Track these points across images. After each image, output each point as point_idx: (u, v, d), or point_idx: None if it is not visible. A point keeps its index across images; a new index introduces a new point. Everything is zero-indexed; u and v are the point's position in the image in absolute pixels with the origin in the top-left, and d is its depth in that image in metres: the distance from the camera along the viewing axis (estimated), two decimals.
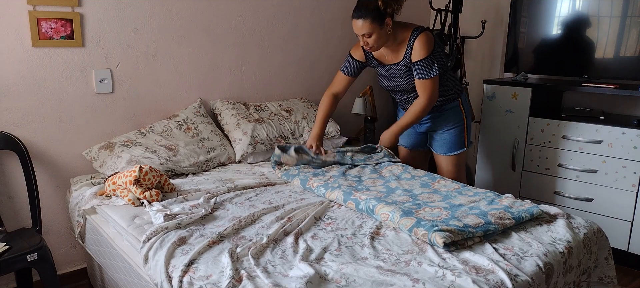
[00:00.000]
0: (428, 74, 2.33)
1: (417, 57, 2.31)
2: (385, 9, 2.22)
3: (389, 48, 2.39)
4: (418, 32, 2.31)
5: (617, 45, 2.89)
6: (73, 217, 2.25)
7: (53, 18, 2.25)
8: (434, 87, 2.37)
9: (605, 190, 2.80)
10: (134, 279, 1.76)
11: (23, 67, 2.23)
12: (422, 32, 2.32)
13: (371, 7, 2.21)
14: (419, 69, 2.33)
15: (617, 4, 2.85)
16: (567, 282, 1.65)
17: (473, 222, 1.65)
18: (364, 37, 2.27)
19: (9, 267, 1.84)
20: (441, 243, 1.54)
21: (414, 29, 2.34)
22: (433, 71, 2.32)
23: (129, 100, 2.55)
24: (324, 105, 2.58)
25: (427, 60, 2.30)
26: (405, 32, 2.34)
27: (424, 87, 2.37)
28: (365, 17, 2.22)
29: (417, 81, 2.38)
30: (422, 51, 2.30)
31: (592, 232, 1.80)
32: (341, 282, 1.38)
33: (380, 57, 2.47)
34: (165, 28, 2.60)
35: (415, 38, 2.30)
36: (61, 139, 2.39)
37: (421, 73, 2.34)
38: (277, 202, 2.01)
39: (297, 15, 3.11)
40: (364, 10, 2.22)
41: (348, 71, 2.55)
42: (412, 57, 2.33)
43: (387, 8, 2.23)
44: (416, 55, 2.31)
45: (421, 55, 2.30)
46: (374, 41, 2.27)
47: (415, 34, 2.31)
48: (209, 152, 2.53)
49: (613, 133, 2.73)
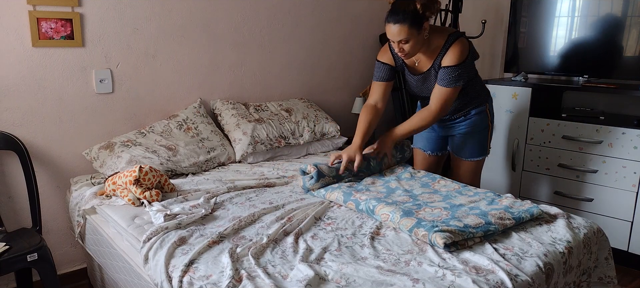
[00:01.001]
0: (451, 83, 2.15)
1: (447, 62, 2.14)
2: (423, 13, 2.06)
3: (423, 54, 2.22)
4: (454, 38, 2.15)
5: (617, 45, 2.89)
6: (73, 217, 2.25)
7: (53, 18, 2.25)
8: (451, 98, 2.19)
9: (605, 190, 2.80)
10: (134, 279, 1.76)
11: (23, 67, 2.23)
12: (459, 39, 2.15)
13: (409, 10, 2.04)
14: (444, 75, 2.16)
15: (617, 4, 2.85)
16: (567, 282, 1.65)
17: (473, 222, 1.65)
18: (400, 43, 2.10)
19: (9, 267, 1.84)
20: (442, 244, 1.54)
21: (450, 34, 2.17)
22: (457, 82, 2.15)
23: (129, 100, 2.55)
24: (362, 116, 2.34)
25: (456, 69, 2.13)
26: (440, 38, 2.17)
27: (441, 95, 2.18)
28: (402, 22, 2.04)
29: (437, 87, 2.19)
30: (455, 57, 2.13)
31: (592, 232, 1.80)
32: (341, 282, 1.38)
33: (410, 63, 2.30)
34: (165, 28, 2.60)
35: (450, 44, 2.14)
36: (61, 139, 2.39)
37: (444, 80, 2.16)
38: (277, 202, 2.01)
39: (297, 15, 3.11)
40: (401, 14, 2.04)
41: (381, 77, 2.35)
42: (443, 61, 2.16)
43: (425, 11, 2.06)
44: (447, 60, 2.14)
45: (452, 62, 2.13)
46: (411, 47, 2.10)
47: (450, 40, 2.15)
48: (209, 152, 2.53)
49: (613, 133, 2.73)
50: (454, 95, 2.20)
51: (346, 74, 3.46)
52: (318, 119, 2.96)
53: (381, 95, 2.36)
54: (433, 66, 2.21)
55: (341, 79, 3.44)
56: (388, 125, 3.74)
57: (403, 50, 2.12)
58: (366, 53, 3.54)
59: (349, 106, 3.45)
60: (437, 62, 2.18)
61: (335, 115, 3.34)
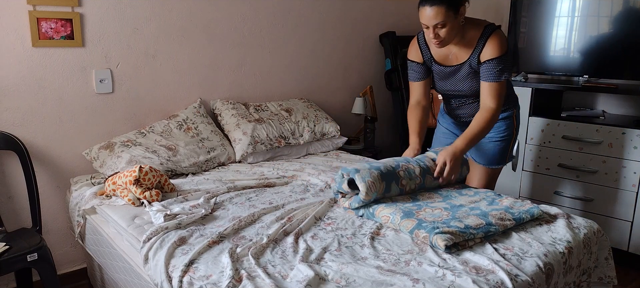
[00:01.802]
0: (499, 77, 2.00)
1: (489, 55, 1.99)
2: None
3: (456, 45, 2.07)
4: (491, 30, 2.02)
5: (617, 45, 2.89)
6: (73, 217, 2.25)
7: (53, 18, 2.25)
8: (503, 92, 2.05)
9: (605, 190, 2.80)
10: (134, 279, 1.76)
11: (23, 67, 2.23)
12: (496, 30, 2.02)
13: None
14: (490, 69, 2.00)
15: (617, 4, 2.85)
16: (567, 282, 1.65)
17: (474, 223, 1.65)
18: (436, 28, 1.94)
19: (9, 267, 1.84)
20: (443, 246, 1.53)
21: (486, 25, 2.03)
22: (503, 75, 2.01)
23: (129, 100, 2.55)
24: (411, 116, 2.21)
25: (501, 60, 1.99)
26: (475, 29, 2.03)
27: (493, 91, 2.02)
28: (439, 3, 1.89)
29: (485, 84, 2.03)
30: (496, 49, 1.98)
31: (592, 232, 1.80)
32: (341, 282, 1.38)
33: (441, 56, 2.14)
34: (165, 28, 2.60)
35: (488, 35, 2.00)
36: (61, 139, 2.39)
37: (491, 74, 2.00)
38: (277, 202, 2.01)
39: (297, 16, 3.10)
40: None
41: (416, 76, 2.23)
42: (482, 55, 2.01)
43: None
44: (488, 54, 1.99)
45: (494, 54, 1.98)
46: (446, 33, 1.94)
47: (488, 31, 2.01)
48: (209, 152, 2.53)
49: (613, 133, 2.73)
50: (505, 88, 2.06)
51: (346, 74, 3.46)
52: (318, 119, 2.96)
53: (422, 94, 2.23)
54: (469, 61, 2.06)
55: (341, 79, 3.44)
56: (388, 125, 3.74)
57: (438, 36, 1.96)
58: (366, 53, 3.54)
59: (349, 106, 3.45)
60: (474, 56, 2.04)
61: (335, 115, 3.34)
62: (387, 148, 3.73)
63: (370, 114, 3.49)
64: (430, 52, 2.16)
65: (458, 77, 2.15)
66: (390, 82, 3.53)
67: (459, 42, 2.06)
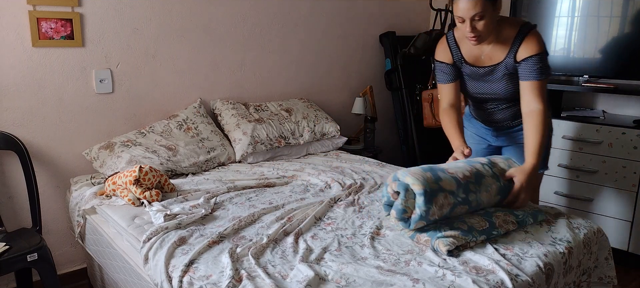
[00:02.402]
0: (540, 74, 1.86)
1: (529, 52, 1.87)
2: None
3: (490, 44, 1.95)
4: (529, 28, 1.90)
5: (617, 45, 2.89)
6: (73, 217, 2.25)
7: (53, 18, 2.25)
8: (546, 90, 1.91)
9: (605, 190, 2.80)
10: (134, 279, 1.76)
11: (23, 67, 2.23)
12: (532, 30, 1.90)
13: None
14: (529, 67, 1.87)
15: (617, 4, 2.85)
16: (567, 282, 1.65)
17: (478, 226, 1.63)
18: (474, 21, 1.81)
19: (9, 267, 1.84)
20: (444, 251, 1.52)
21: (523, 24, 1.92)
22: (545, 73, 1.88)
23: (129, 100, 2.55)
24: (446, 119, 2.07)
25: (540, 57, 1.86)
26: (511, 28, 1.91)
27: (535, 90, 1.87)
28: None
29: (526, 84, 1.89)
30: (534, 47, 1.87)
31: (592, 232, 1.80)
32: (341, 282, 1.38)
33: (474, 57, 2.01)
34: (165, 28, 2.60)
35: (525, 34, 1.88)
36: (61, 139, 2.39)
37: (531, 72, 1.87)
38: (277, 202, 2.01)
39: (297, 15, 3.10)
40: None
41: (446, 78, 2.08)
42: (519, 54, 1.89)
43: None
44: (528, 51, 1.87)
45: (534, 50, 1.86)
46: (484, 27, 1.82)
47: (525, 30, 1.89)
48: (209, 152, 2.53)
49: (613, 133, 2.73)
50: (546, 88, 1.91)
51: (346, 74, 3.46)
52: (318, 119, 2.96)
53: (453, 96, 2.09)
54: (505, 61, 1.94)
55: (341, 79, 3.44)
56: (388, 126, 3.74)
57: (475, 29, 1.82)
58: (366, 53, 3.54)
59: (349, 106, 3.45)
60: (510, 56, 1.92)
61: (335, 115, 3.34)
62: (387, 148, 3.74)
63: (370, 114, 3.49)
64: (461, 52, 2.03)
65: (492, 79, 2.02)
66: (390, 82, 3.54)
67: (494, 40, 1.94)
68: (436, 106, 3.18)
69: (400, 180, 1.60)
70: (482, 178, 1.70)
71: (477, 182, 1.67)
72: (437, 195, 1.56)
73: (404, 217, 1.60)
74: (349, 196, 2.10)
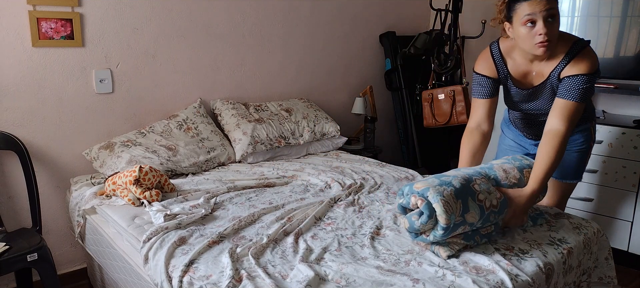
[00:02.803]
0: (581, 97, 1.71)
1: (575, 71, 1.71)
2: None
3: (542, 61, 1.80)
4: (582, 45, 1.75)
5: (617, 45, 2.89)
6: (73, 217, 2.25)
7: (53, 18, 2.25)
8: (578, 116, 1.75)
9: (605, 190, 2.80)
10: (134, 279, 1.76)
11: (23, 67, 2.23)
12: (588, 46, 1.75)
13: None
14: (570, 86, 1.71)
15: (617, 4, 2.85)
16: (567, 282, 1.65)
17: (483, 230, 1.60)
18: (547, 21, 1.65)
19: (9, 267, 1.84)
20: (444, 257, 1.50)
21: (575, 41, 1.76)
22: (585, 97, 1.73)
23: (129, 100, 2.55)
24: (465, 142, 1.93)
25: (588, 78, 1.71)
26: (563, 43, 1.76)
27: (568, 110, 1.72)
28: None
29: (561, 102, 1.73)
30: (585, 66, 1.71)
31: (592, 232, 1.80)
32: (341, 282, 1.38)
33: (521, 73, 1.86)
34: (165, 28, 2.60)
35: (577, 51, 1.74)
36: (61, 139, 2.39)
37: (571, 92, 1.71)
38: (277, 202, 2.01)
39: (297, 15, 3.11)
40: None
41: (483, 92, 1.91)
42: (565, 70, 1.74)
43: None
44: (575, 69, 1.72)
45: (581, 70, 1.71)
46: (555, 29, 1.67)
47: (577, 47, 1.74)
48: (209, 152, 2.53)
49: (613, 133, 2.73)
50: (580, 113, 1.76)
51: (346, 74, 3.46)
52: (318, 119, 2.96)
53: (485, 115, 1.91)
54: (549, 78, 1.80)
55: (341, 79, 3.44)
56: (388, 126, 3.75)
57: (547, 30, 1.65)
58: (366, 53, 3.54)
59: (349, 106, 3.45)
60: (555, 73, 1.78)
61: (335, 115, 3.34)
62: (387, 148, 3.74)
63: (370, 114, 3.49)
64: (507, 67, 1.87)
65: (535, 98, 1.89)
66: (390, 82, 3.54)
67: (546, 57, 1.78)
68: (436, 106, 3.18)
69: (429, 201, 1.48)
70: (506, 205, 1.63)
71: (500, 211, 1.61)
72: (457, 229, 1.51)
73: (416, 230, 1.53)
74: (349, 196, 2.10)
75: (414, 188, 1.53)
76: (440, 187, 1.50)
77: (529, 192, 1.67)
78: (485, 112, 1.91)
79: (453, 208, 1.47)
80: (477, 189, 1.56)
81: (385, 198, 2.09)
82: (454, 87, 3.11)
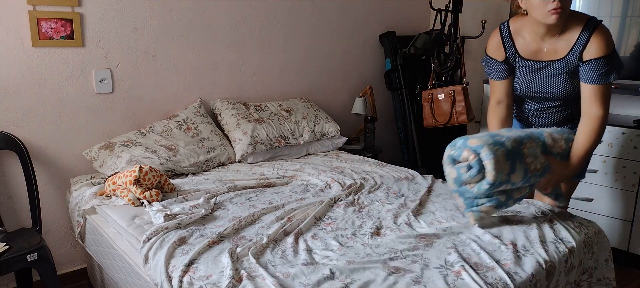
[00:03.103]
0: (606, 78, 1.76)
1: (596, 54, 1.75)
2: None
3: (553, 37, 1.83)
4: (595, 24, 1.77)
5: (617, 45, 2.89)
6: (73, 217, 2.25)
7: (53, 18, 2.25)
8: (610, 95, 1.81)
9: (605, 190, 2.80)
10: (134, 279, 1.76)
11: (23, 67, 2.23)
12: (601, 24, 1.78)
13: None
14: (595, 70, 1.76)
15: (617, 4, 2.85)
16: (568, 282, 1.65)
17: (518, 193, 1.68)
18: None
19: (9, 267, 1.84)
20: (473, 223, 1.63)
21: (589, 19, 1.79)
22: (610, 76, 1.77)
23: (129, 100, 2.55)
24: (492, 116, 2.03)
25: (608, 59, 1.75)
26: (576, 21, 1.79)
27: (598, 94, 1.77)
28: None
29: (589, 87, 1.78)
30: (602, 47, 1.74)
31: (592, 232, 1.80)
32: (341, 282, 1.38)
33: (531, 52, 1.89)
34: (165, 28, 2.60)
35: (592, 30, 1.76)
36: (61, 139, 2.39)
37: (597, 75, 1.76)
38: (277, 202, 2.01)
39: (297, 16, 3.11)
40: None
41: (497, 74, 1.99)
42: (586, 53, 1.77)
43: None
44: (594, 52, 1.75)
45: (601, 52, 1.74)
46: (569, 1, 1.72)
47: (591, 25, 1.77)
48: (209, 152, 2.53)
49: (613, 133, 2.73)
50: (610, 92, 1.82)
51: (346, 74, 3.46)
52: (318, 119, 2.96)
53: (504, 93, 2.00)
54: (567, 58, 1.82)
55: (341, 79, 3.44)
56: (388, 126, 3.74)
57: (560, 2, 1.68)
58: (366, 53, 3.54)
59: (349, 106, 3.45)
60: (574, 52, 1.80)
61: (335, 115, 3.34)
62: (387, 148, 3.74)
63: (370, 114, 3.49)
64: (516, 46, 1.92)
65: (547, 74, 1.90)
66: (390, 82, 3.54)
67: (559, 32, 1.81)
68: (436, 106, 3.18)
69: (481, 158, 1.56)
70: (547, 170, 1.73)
71: (541, 175, 1.71)
72: (500, 186, 1.59)
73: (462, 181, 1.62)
74: (349, 196, 2.10)
75: (468, 144, 1.59)
76: (494, 146, 1.56)
77: (569, 167, 1.80)
78: (504, 91, 2.01)
79: (502, 168, 1.55)
80: (526, 153, 1.64)
81: (385, 198, 2.09)
82: (454, 87, 3.12)
